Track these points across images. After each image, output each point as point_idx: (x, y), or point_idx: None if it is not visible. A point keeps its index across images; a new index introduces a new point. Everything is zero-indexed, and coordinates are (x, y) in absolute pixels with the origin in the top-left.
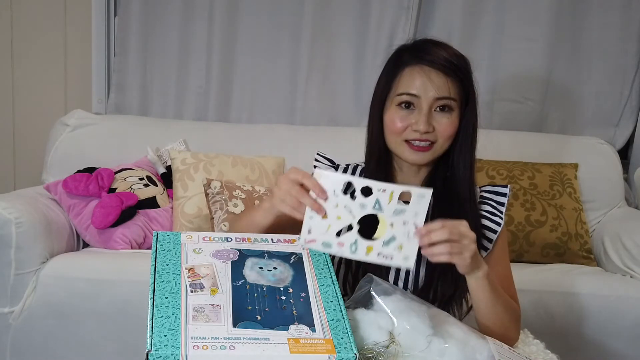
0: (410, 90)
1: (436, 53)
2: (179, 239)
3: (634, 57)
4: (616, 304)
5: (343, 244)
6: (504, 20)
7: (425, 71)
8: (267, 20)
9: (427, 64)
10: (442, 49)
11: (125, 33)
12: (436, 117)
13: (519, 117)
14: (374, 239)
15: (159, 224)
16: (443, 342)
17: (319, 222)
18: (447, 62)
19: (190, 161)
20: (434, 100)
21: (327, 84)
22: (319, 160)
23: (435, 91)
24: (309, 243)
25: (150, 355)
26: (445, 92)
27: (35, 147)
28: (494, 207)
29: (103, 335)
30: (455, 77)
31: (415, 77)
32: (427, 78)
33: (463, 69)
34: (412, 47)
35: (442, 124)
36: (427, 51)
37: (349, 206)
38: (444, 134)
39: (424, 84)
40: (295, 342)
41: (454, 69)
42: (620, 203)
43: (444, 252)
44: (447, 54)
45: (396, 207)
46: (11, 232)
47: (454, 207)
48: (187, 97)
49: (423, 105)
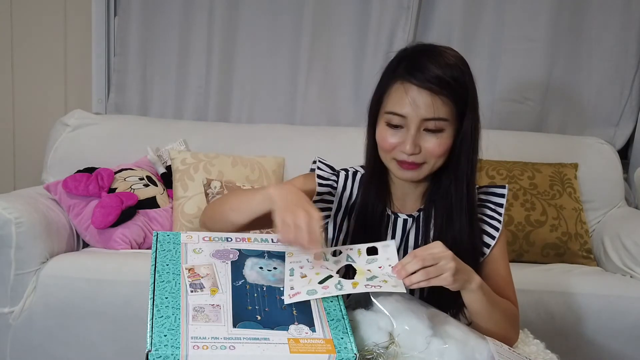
0: (397, 110)
1: (428, 71)
2: (179, 239)
3: (634, 57)
4: (616, 304)
5: (328, 286)
6: (504, 20)
7: (413, 90)
8: (267, 20)
9: (417, 84)
10: (435, 63)
11: (125, 33)
12: (425, 137)
13: (519, 117)
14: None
15: (159, 224)
16: (442, 342)
17: (299, 279)
18: (438, 80)
19: (190, 161)
20: (422, 122)
21: (327, 84)
22: (320, 168)
23: (422, 111)
24: (294, 297)
25: (150, 355)
26: (433, 113)
27: (35, 147)
28: (492, 209)
29: (103, 335)
30: (446, 95)
31: (404, 96)
32: (415, 98)
33: (455, 85)
34: (409, 58)
35: (431, 144)
36: (420, 67)
37: (324, 265)
38: (433, 153)
39: (411, 105)
40: (295, 342)
41: (445, 87)
42: (620, 203)
43: (422, 279)
44: (440, 69)
45: (367, 258)
46: (11, 232)
47: (454, 217)
48: (187, 97)
49: (410, 126)
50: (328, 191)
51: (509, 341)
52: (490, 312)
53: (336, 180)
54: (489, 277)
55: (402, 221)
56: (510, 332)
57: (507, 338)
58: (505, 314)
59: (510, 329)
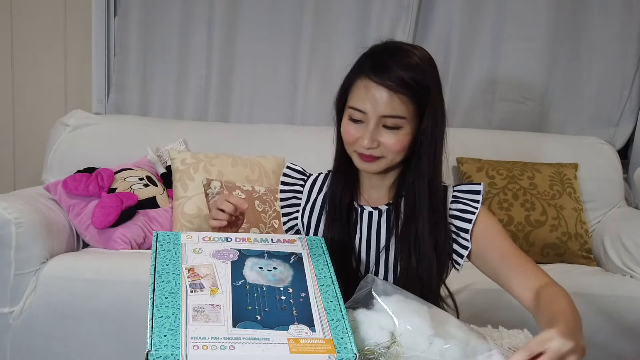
0: (358, 106)
1: (389, 69)
2: (179, 239)
3: (634, 57)
4: (616, 304)
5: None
6: (504, 20)
7: (373, 87)
8: (267, 20)
9: (377, 80)
10: (398, 63)
11: (125, 33)
12: (383, 133)
13: (519, 117)
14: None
15: (158, 224)
16: (444, 342)
17: None
18: (398, 79)
19: (190, 161)
20: (380, 118)
21: (327, 84)
22: (286, 174)
23: (381, 108)
24: None
25: (150, 355)
26: (391, 110)
27: (35, 147)
28: (466, 204)
29: (103, 335)
30: (403, 94)
31: (365, 92)
32: (375, 95)
33: (416, 84)
34: (375, 56)
35: (389, 140)
36: (383, 66)
37: None
38: (392, 149)
39: (371, 101)
40: (295, 342)
41: (404, 86)
42: (620, 203)
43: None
44: (402, 70)
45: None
46: (11, 232)
47: (417, 214)
48: (187, 97)
49: (370, 122)
50: (293, 195)
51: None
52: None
53: (303, 185)
54: (503, 258)
55: (368, 213)
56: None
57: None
58: (574, 307)
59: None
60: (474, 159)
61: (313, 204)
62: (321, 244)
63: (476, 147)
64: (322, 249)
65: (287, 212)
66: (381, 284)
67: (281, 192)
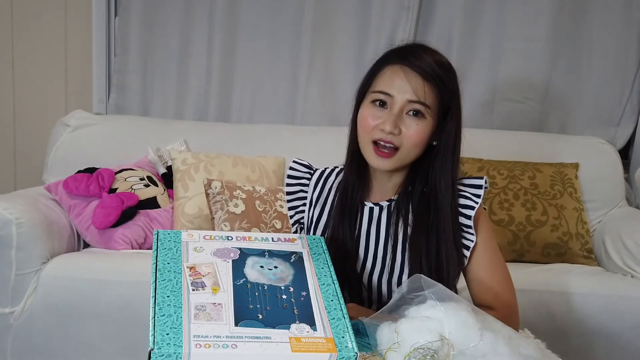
0: (385, 89)
1: (421, 56)
2: (180, 237)
3: (634, 57)
4: (617, 304)
5: None
6: (504, 20)
7: (404, 71)
8: (267, 20)
9: (408, 65)
10: (429, 54)
11: (125, 33)
12: (406, 120)
13: (519, 117)
14: None
15: (159, 224)
16: (493, 335)
17: None
18: (429, 67)
19: (190, 161)
20: (407, 103)
21: (327, 84)
22: (293, 168)
23: (409, 93)
24: None
25: (153, 354)
26: (419, 96)
27: (35, 148)
28: (470, 198)
29: (103, 335)
30: (434, 84)
31: (394, 76)
32: (405, 79)
33: (444, 79)
34: (401, 48)
35: (411, 129)
36: (413, 53)
37: None
38: (410, 139)
39: (400, 85)
40: (296, 340)
41: (434, 76)
42: (621, 203)
43: None
44: (432, 59)
45: None
46: (12, 232)
47: (432, 221)
48: (188, 97)
49: (395, 106)
50: (299, 189)
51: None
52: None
53: (309, 178)
54: (481, 267)
55: (369, 209)
56: None
57: None
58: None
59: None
60: (474, 158)
61: (318, 198)
62: (321, 243)
63: (477, 146)
64: (322, 248)
65: (294, 206)
66: (423, 281)
67: (288, 186)
